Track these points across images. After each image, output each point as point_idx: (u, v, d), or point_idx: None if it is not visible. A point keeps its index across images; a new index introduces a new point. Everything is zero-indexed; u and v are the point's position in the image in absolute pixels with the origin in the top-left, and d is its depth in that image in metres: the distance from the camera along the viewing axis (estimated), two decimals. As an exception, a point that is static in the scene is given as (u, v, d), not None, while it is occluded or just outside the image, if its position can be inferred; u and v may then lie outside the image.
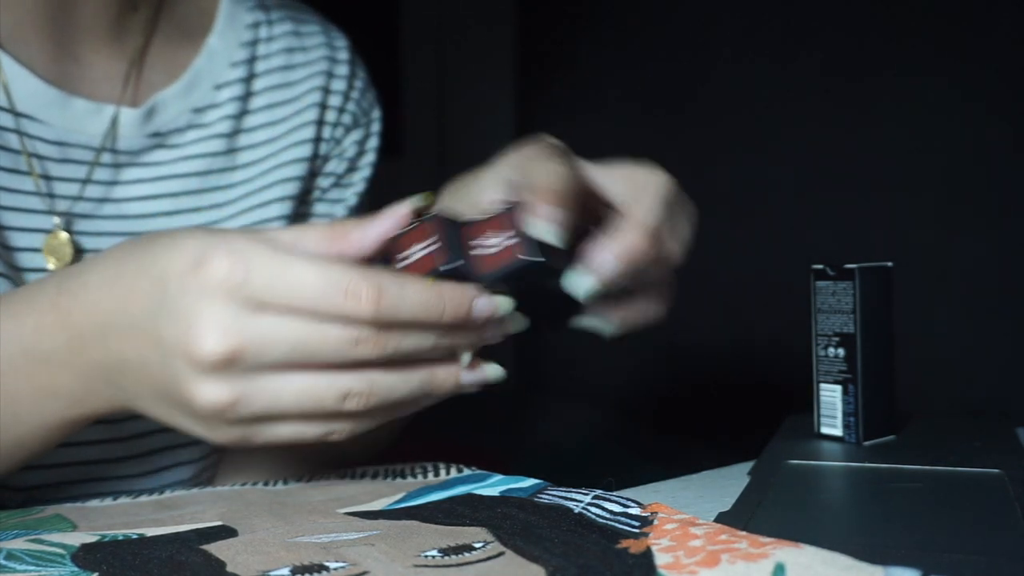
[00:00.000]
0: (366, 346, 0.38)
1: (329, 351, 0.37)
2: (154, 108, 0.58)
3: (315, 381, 0.38)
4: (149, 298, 0.39)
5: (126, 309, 0.40)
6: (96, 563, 0.37)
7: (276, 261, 0.37)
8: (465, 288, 0.40)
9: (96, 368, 0.42)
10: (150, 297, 0.39)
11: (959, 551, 0.36)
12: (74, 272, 0.43)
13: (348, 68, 0.67)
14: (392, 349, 0.38)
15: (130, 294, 0.40)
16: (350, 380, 0.38)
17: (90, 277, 0.42)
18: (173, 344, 0.38)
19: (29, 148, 0.54)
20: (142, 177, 0.58)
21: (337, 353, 0.37)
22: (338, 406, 0.38)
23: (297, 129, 0.63)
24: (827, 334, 0.55)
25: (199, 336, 0.37)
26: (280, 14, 0.65)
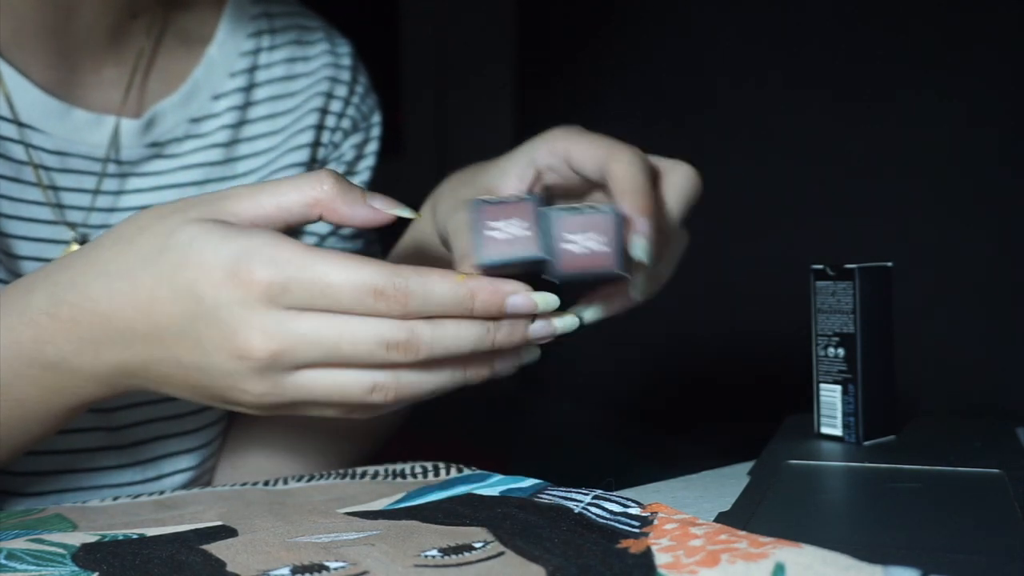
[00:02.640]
0: (396, 352, 0.38)
1: (362, 354, 0.38)
2: (153, 118, 0.58)
3: (345, 377, 0.39)
4: (180, 307, 0.39)
5: (151, 318, 0.40)
6: (96, 563, 0.37)
7: (311, 266, 0.37)
8: (499, 283, 0.39)
9: (115, 368, 0.42)
10: (181, 306, 0.39)
11: (959, 551, 0.36)
12: (64, 282, 0.41)
13: (350, 74, 0.67)
14: (425, 354, 0.38)
15: (154, 303, 0.39)
16: (378, 376, 0.39)
17: (92, 288, 0.40)
18: (216, 346, 0.39)
19: (35, 159, 0.54)
20: (141, 187, 0.58)
21: (370, 356, 0.38)
22: (364, 398, 0.39)
23: (297, 134, 0.63)
24: (827, 334, 0.55)
25: (246, 340, 0.38)
26: (284, 22, 0.65)
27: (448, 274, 0.38)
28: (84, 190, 0.56)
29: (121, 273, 0.40)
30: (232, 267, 0.37)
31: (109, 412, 0.56)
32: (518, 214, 0.39)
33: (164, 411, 0.57)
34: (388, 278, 0.37)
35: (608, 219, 0.40)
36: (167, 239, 0.39)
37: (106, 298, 0.40)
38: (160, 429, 0.58)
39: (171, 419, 0.58)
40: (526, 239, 0.38)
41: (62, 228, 0.55)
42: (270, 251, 0.37)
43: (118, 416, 0.56)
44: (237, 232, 0.38)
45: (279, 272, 0.37)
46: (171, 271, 0.39)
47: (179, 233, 0.39)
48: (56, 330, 0.41)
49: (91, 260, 0.41)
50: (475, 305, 0.38)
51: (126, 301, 0.40)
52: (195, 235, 0.39)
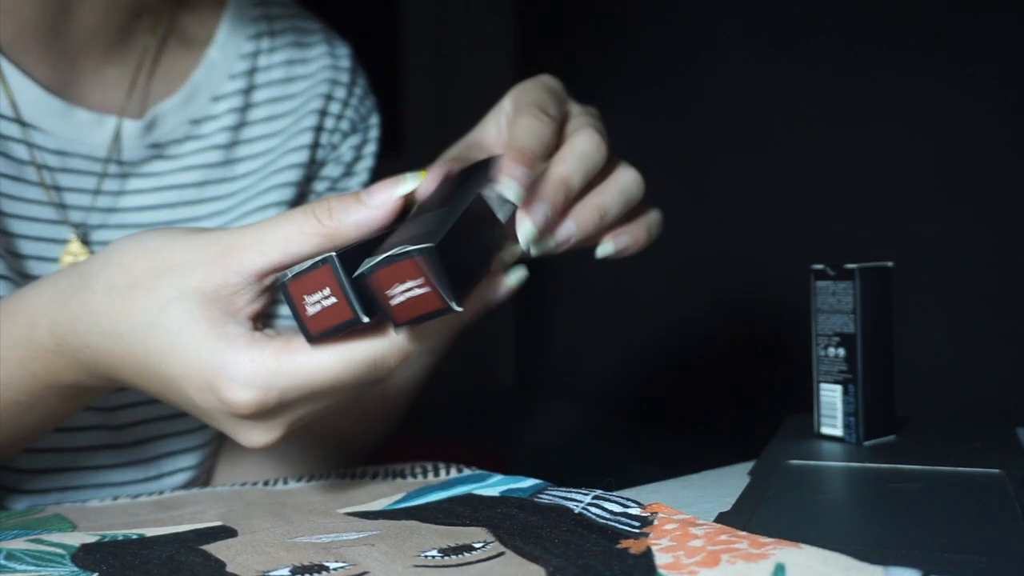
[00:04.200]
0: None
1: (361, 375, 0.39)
2: (154, 120, 0.58)
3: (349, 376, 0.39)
4: (174, 394, 0.40)
5: (150, 385, 0.40)
6: (96, 563, 0.37)
7: (298, 375, 0.37)
8: (478, 291, 0.39)
9: (130, 385, 0.43)
10: (175, 395, 0.40)
11: (959, 551, 0.36)
12: (64, 324, 0.41)
13: (349, 76, 0.67)
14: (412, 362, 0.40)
15: (150, 378, 0.40)
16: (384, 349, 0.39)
17: (89, 341, 0.40)
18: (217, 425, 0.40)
19: (38, 159, 0.54)
20: (141, 188, 0.58)
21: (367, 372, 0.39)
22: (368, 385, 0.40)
23: (295, 136, 0.63)
24: (827, 334, 0.55)
25: (246, 439, 0.40)
26: (284, 25, 0.65)
27: (443, 322, 0.38)
28: (85, 190, 0.56)
29: (113, 336, 0.40)
30: (212, 383, 0.37)
31: (110, 411, 0.56)
32: (321, 284, 0.36)
33: (165, 410, 0.57)
34: (385, 351, 0.38)
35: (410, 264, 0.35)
36: (158, 315, 0.38)
37: (104, 355, 0.41)
38: (161, 428, 0.58)
39: (172, 418, 0.58)
40: (339, 306, 0.36)
41: (63, 227, 0.55)
42: (248, 367, 0.37)
43: (119, 415, 0.56)
44: (216, 338, 0.37)
45: (266, 391, 0.37)
46: (160, 357, 0.38)
47: (171, 311, 0.38)
48: (67, 364, 0.42)
49: (84, 304, 0.40)
50: (467, 320, 0.40)
51: (124, 364, 0.40)
52: (184, 322, 0.38)
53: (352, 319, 0.36)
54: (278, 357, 0.37)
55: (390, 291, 0.35)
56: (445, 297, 0.35)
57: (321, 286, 0.36)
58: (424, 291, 0.35)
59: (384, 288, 0.35)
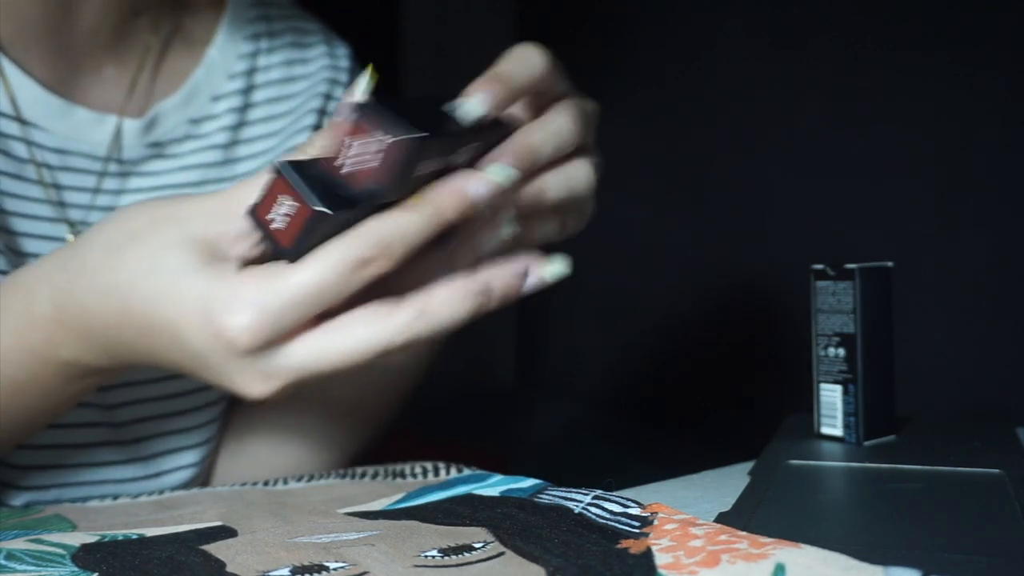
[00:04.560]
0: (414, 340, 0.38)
1: (376, 351, 0.38)
2: (154, 119, 0.58)
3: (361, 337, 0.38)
4: (170, 341, 0.39)
5: (148, 340, 0.40)
6: (96, 563, 0.37)
7: (286, 288, 0.36)
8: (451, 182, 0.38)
9: (129, 362, 0.42)
10: (171, 341, 0.39)
11: (959, 551, 0.36)
12: (63, 287, 0.41)
13: (348, 76, 0.67)
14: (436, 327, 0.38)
15: (148, 329, 0.39)
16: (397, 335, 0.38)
17: (87, 301, 0.40)
18: (217, 380, 0.39)
19: (38, 157, 0.54)
20: (141, 187, 0.58)
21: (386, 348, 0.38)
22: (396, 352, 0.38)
23: (295, 135, 0.63)
24: (827, 334, 0.55)
25: (243, 387, 0.38)
26: (283, 25, 0.65)
27: (404, 207, 0.37)
28: (85, 189, 0.56)
29: (111, 290, 0.39)
30: (208, 315, 0.37)
31: (110, 408, 0.56)
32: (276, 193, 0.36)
33: (166, 408, 0.58)
34: (360, 244, 0.36)
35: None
36: (154, 259, 0.38)
37: (102, 314, 0.40)
38: (161, 426, 0.58)
39: (172, 416, 0.58)
40: (299, 209, 0.36)
41: (62, 226, 0.55)
42: (239, 292, 0.37)
43: (120, 412, 0.56)
44: (212, 275, 0.37)
45: (256, 316, 0.36)
46: (157, 301, 0.38)
47: (170, 255, 0.38)
48: (65, 335, 0.42)
49: (83, 265, 0.40)
50: (447, 216, 0.38)
51: (122, 319, 0.40)
52: (182, 266, 0.38)
53: (313, 214, 0.36)
54: (265, 276, 0.37)
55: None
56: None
57: (277, 195, 0.36)
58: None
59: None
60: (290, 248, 0.37)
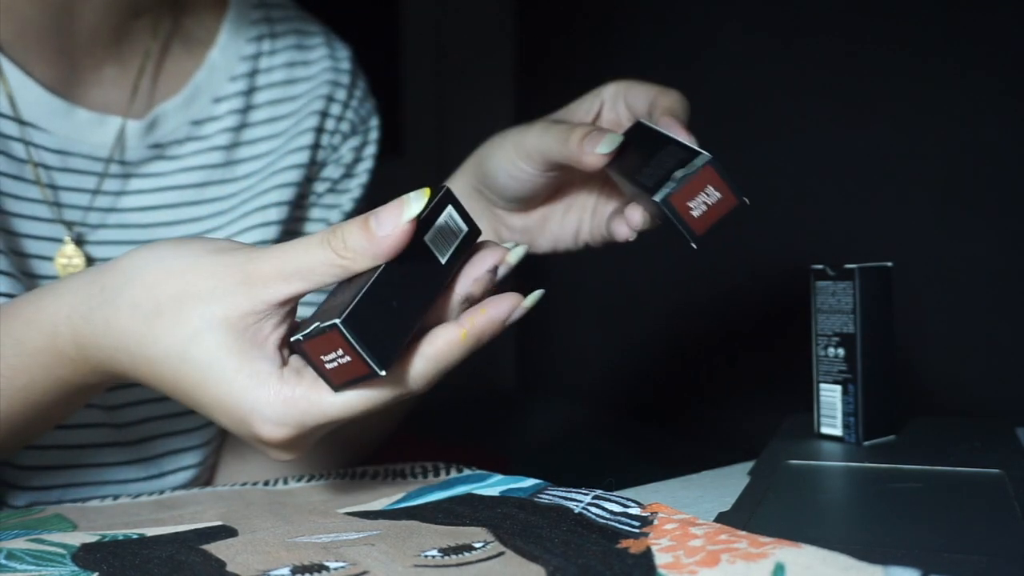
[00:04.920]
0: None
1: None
2: (155, 120, 0.58)
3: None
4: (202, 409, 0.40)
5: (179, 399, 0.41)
6: (96, 563, 0.37)
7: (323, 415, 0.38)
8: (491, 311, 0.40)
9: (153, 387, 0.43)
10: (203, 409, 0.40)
11: (959, 551, 0.36)
12: (89, 337, 0.41)
13: (349, 78, 0.67)
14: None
15: (178, 396, 0.40)
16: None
17: (116, 358, 0.41)
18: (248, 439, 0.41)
19: (35, 158, 0.54)
20: (142, 188, 0.58)
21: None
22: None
23: (296, 137, 0.63)
24: (827, 334, 0.55)
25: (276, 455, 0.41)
26: (285, 27, 0.65)
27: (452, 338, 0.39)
28: (84, 190, 0.56)
29: (144, 359, 0.40)
30: (245, 419, 0.38)
31: (113, 409, 0.56)
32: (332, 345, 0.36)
33: (169, 409, 0.58)
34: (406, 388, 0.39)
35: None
36: (187, 346, 0.38)
37: (133, 372, 0.41)
38: (163, 427, 0.58)
39: (175, 417, 0.58)
40: (354, 363, 0.36)
41: (59, 227, 0.55)
42: (280, 411, 0.38)
43: (123, 413, 0.56)
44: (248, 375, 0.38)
45: (292, 432, 0.38)
46: (191, 386, 0.39)
47: (198, 345, 0.38)
48: (92, 370, 0.42)
49: (109, 323, 0.40)
50: (484, 340, 0.40)
51: (154, 382, 0.41)
52: (213, 359, 0.38)
53: (369, 374, 0.36)
54: (309, 399, 0.38)
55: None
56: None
57: (334, 347, 0.36)
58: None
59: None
60: (337, 388, 0.38)
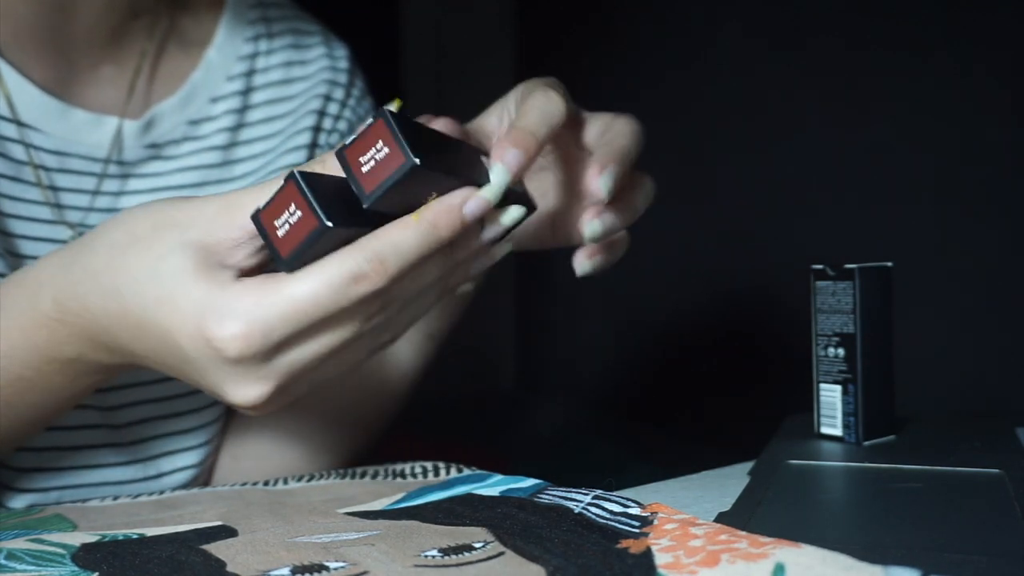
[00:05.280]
0: (378, 318, 0.39)
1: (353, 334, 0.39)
2: (152, 120, 0.58)
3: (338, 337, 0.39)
4: (167, 348, 0.39)
5: (146, 343, 0.40)
6: (96, 563, 0.37)
7: (279, 301, 0.37)
8: (447, 200, 0.39)
9: (130, 362, 0.43)
10: (168, 348, 0.39)
11: (959, 551, 0.36)
12: (67, 288, 0.41)
13: (347, 77, 0.67)
14: (400, 305, 0.40)
15: (144, 333, 0.40)
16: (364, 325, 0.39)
17: (89, 301, 0.41)
18: (211, 387, 0.40)
19: (35, 160, 0.54)
20: (140, 188, 0.58)
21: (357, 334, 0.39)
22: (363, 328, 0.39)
23: (294, 136, 0.63)
24: (827, 334, 0.55)
25: (237, 393, 0.39)
26: (282, 26, 0.65)
27: (403, 221, 0.38)
28: (83, 190, 0.56)
29: (112, 292, 0.40)
30: (201, 323, 0.37)
31: (110, 410, 0.56)
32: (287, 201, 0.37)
33: (166, 409, 0.58)
34: (356, 260, 0.37)
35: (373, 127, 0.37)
36: (156, 264, 0.39)
37: (103, 315, 0.41)
38: (162, 427, 0.58)
39: (172, 417, 0.58)
40: (304, 218, 0.37)
41: (61, 228, 0.55)
42: (232, 304, 0.37)
43: (119, 414, 0.56)
44: (207, 282, 0.38)
45: (248, 328, 0.37)
46: (155, 306, 0.39)
47: (168, 261, 0.38)
48: (68, 333, 0.42)
49: (87, 267, 0.41)
50: (442, 233, 0.38)
51: (120, 323, 0.40)
52: (179, 272, 0.38)
53: (318, 227, 0.36)
54: (260, 288, 0.37)
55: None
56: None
57: (287, 203, 0.37)
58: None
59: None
60: (287, 258, 0.37)
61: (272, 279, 0.38)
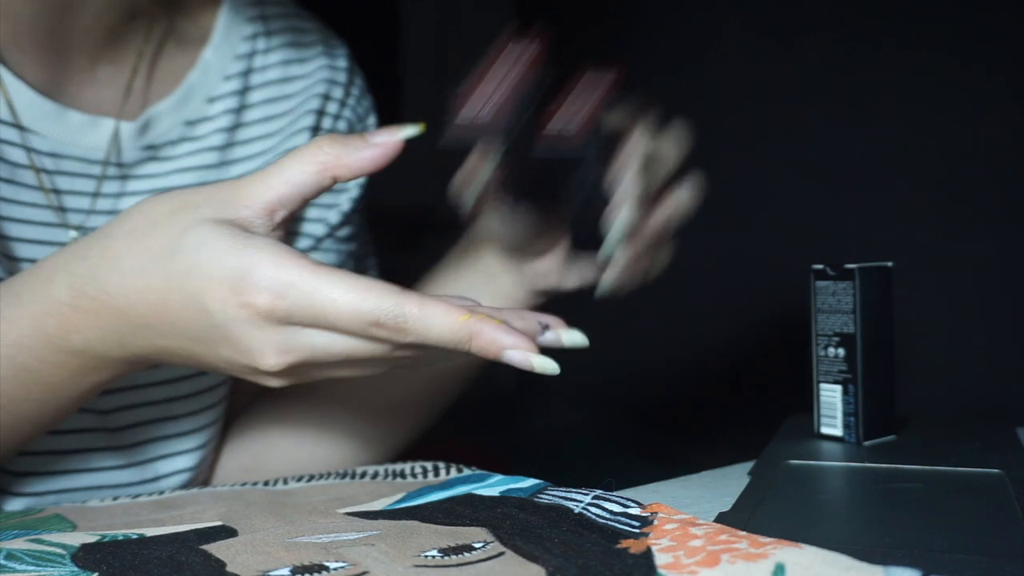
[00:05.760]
0: (404, 355, 0.40)
1: (375, 356, 0.40)
2: (149, 121, 0.58)
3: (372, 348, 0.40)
4: (191, 313, 0.40)
5: (166, 318, 0.41)
6: (96, 563, 0.37)
7: (313, 290, 0.38)
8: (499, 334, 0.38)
9: (139, 355, 0.43)
10: (192, 313, 0.40)
11: (959, 551, 0.36)
12: (82, 273, 0.42)
13: (346, 76, 0.67)
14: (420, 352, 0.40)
15: (168, 305, 0.40)
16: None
17: (108, 283, 0.41)
18: (231, 356, 0.40)
19: (37, 163, 0.54)
20: (138, 189, 0.57)
21: (382, 356, 0.40)
22: (387, 354, 0.40)
23: (292, 136, 0.63)
24: (827, 334, 0.55)
25: (258, 356, 0.39)
26: (280, 24, 0.65)
27: (451, 310, 0.38)
28: (81, 192, 0.55)
29: (134, 271, 0.41)
30: (235, 286, 0.38)
31: (108, 413, 0.56)
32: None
33: (163, 412, 0.58)
34: (389, 311, 0.37)
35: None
36: (179, 240, 0.40)
37: (122, 295, 0.41)
38: (159, 430, 0.58)
39: (169, 420, 0.58)
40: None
41: (62, 230, 0.54)
42: (272, 272, 0.38)
43: (117, 417, 0.56)
44: (243, 244, 0.39)
45: (280, 298, 0.38)
46: (181, 276, 0.39)
47: (190, 235, 0.39)
48: (79, 320, 0.42)
49: (106, 252, 0.42)
50: (471, 348, 0.38)
51: (141, 299, 0.41)
52: (204, 240, 0.39)
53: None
54: (301, 272, 0.38)
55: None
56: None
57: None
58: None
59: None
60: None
61: (315, 268, 0.38)
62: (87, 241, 0.43)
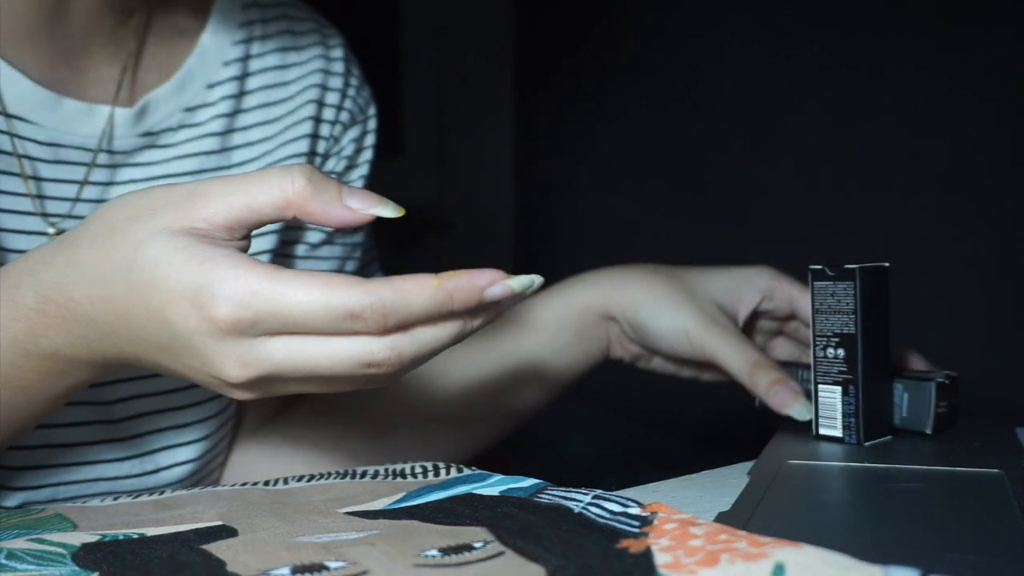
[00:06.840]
0: (377, 368, 0.38)
1: (343, 372, 0.38)
2: (146, 107, 0.57)
3: (337, 359, 0.38)
4: (154, 325, 0.39)
5: (130, 327, 0.40)
6: (96, 563, 0.37)
7: (277, 297, 0.37)
8: (475, 277, 0.38)
9: (108, 358, 0.42)
10: (155, 325, 0.39)
11: (959, 551, 0.36)
12: (49, 280, 0.41)
13: (343, 65, 0.67)
14: (410, 358, 0.38)
15: (131, 316, 0.39)
16: (374, 348, 0.38)
17: (74, 291, 0.40)
18: (195, 367, 0.39)
19: (20, 150, 0.53)
20: (135, 178, 0.57)
21: (352, 373, 0.38)
22: (362, 372, 0.38)
23: (292, 126, 0.63)
24: (827, 334, 0.55)
25: (222, 368, 0.38)
26: (275, 12, 0.65)
27: (421, 280, 0.37)
28: (71, 181, 0.55)
29: (98, 280, 0.40)
30: (196, 299, 0.37)
31: (108, 404, 0.55)
32: None
33: (164, 403, 0.57)
34: (362, 300, 0.36)
35: None
36: (135, 252, 0.39)
37: (88, 303, 0.40)
38: (159, 421, 0.58)
39: (171, 411, 0.58)
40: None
41: (42, 219, 0.54)
42: (232, 284, 0.37)
43: (117, 408, 0.56)
44: (201, 257, 0.37)
45: (243, 308, 0.37)
46: (142, 289, 0.38)
47: (146, 248, 0.38)
48: (48, 325, 0.42)
49: (71, 259, 0.41)
50: (455, 306, 0.38)
51: (105, 308, 0.40)
52: (160, 254, 0.38)
53: None
54: (261, 281, 0.37)
55: None
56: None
57: None
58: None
59: None
60: None
61: (276, 274, 0.37)
62: (54, 247, 0.42)
